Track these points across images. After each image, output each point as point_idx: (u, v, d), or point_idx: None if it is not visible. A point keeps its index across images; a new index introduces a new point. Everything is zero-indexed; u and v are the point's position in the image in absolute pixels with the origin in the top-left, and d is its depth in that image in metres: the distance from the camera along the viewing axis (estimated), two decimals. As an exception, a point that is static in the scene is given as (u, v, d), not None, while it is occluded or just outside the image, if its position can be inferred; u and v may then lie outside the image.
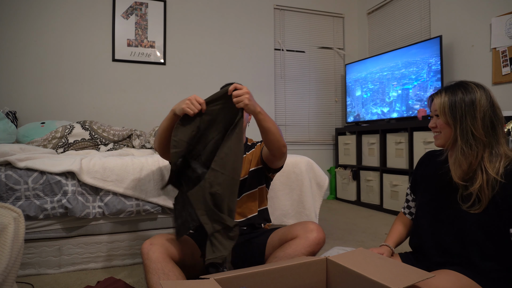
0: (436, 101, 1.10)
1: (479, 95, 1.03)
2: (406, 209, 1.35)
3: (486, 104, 1.02)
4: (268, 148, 1.37)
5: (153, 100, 3.45)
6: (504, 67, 2.61)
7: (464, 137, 1.03)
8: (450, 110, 1.05)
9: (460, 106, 1.03)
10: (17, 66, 3.05)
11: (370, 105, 3.67)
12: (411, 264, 1.12)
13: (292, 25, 4.03)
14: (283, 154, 1.39)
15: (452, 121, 1.05)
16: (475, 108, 1.02)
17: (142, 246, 1.23)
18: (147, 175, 1.77)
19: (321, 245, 1.32)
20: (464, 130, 1.03)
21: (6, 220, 0.97)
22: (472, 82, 1.07)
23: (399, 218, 1.37)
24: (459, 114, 1.04)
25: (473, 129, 1.02)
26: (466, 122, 1.03)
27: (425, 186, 1.22)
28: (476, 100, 1.02)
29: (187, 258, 1.31)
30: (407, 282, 0.87)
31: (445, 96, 1.07)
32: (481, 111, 1.02)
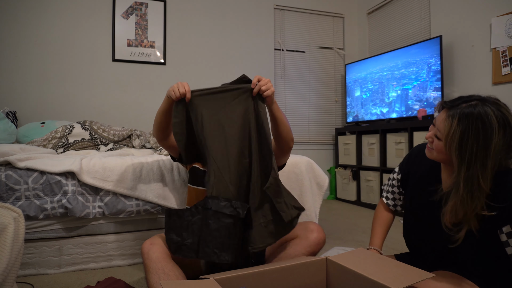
0: (445, 124, 0.91)
1: (497, 139, 0.84)
2: (390, 201, 1.29)
3: (503, 150, 0.85)
4: (277, 141, 1.35)
5: (153, 100, 3.45)
6: (504, 67, 2.61)
7: (469, 185, 0.87)
8: (458, 147, 0.87)
9: (472, 148, 0.85)
10: (17, 66, 3.05)
11: (370, 106, 3.67)
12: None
13: (292, 25, 4.03)
14: (290, 149, 1.38)
15: (458, 161, 0.89)
16: (488, 155, 0.85)
17: (142, 245, 1.23)
18: (147, 175, 1.77)
19: (321, 245, 1.32)
20: (470, 178, 0.87)
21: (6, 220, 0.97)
22: (496, 112, 0.85)
23: (379, 213, 1.32)
24: (468, 156, 0.86)
25: (480, 178, 0.86)
26: (475, 169, 0.86)
27: (415, 189, 1.17)
28: (492, 145, 0.84)
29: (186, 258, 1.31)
30: (407, 282, 0.87)
31: (458, 125, 0.87)
32: (493, 160, 0.85)
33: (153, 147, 2.56)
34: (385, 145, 3.31)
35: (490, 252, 0.99)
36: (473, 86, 2.86)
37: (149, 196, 1.74)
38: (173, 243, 1.21)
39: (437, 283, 0.95)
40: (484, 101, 0.88)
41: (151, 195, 1.75)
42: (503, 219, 0.90)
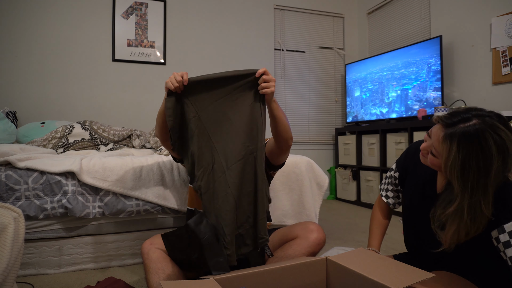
0: (444, 147, 0.88)
1: (496, 165, 0.83)
2: (391, 199, 1.29)
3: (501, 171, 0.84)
4: (276, 139, 1.33)
5: (153, 100, 3.45)
6: (504, 67, 2.61)
7: (472, 212, 0.87)
8: (461, 174, 0.86)
9: (474, 175, 0.85)
10: (17, 66, 3.05)
11: (369, 106, 3.67)
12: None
13: (292, 25, 4.03)
14: (289, 147, 1.36)
15: (460, 188, 0.88)
16: (489, 182, 0.85)
17: (142, 246, 1.23)
18: (147, 175, 1.77)
19: (321, 246, 1.32)
20: (473, 204, 0.86)
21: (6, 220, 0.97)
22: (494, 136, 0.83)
23: (377, 211, 1.31)
24: (470, 184, 0.85)
25: (483, 204, 0.85)
26: (478, 195, 0.86)
27: (413, 187, 1.16)
28: (492, 171, 0.83)
29: None
30: (407, 282, 0.87)
31: (458, 152, 0.86)
32: (494, 184, 0.85)
33: (153, 147, 2.56)
34: (385, 145, 3.31)
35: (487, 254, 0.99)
36: (473, 86, 2.86)
37: (149, 196, 1.74)
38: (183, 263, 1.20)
39: (436, 283, 0.95)
40: (484, 122, 0.85)
41: (151, 195, 1.75)
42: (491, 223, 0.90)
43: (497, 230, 0.88)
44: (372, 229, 1.30)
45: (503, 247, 0.87)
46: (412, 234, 1.18)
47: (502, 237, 0.87)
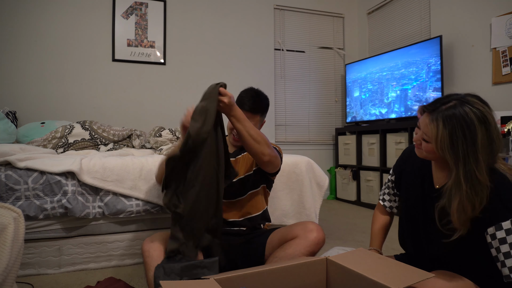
0: (431, 128, 0.96)
1: (480, 134, 0.90)
2: (387, 202, 1.32)
3: (487, 144, 0.91)
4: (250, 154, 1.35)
5: (153, 100, 3.45)
6: (504, 67, 2.61)
7: (469, 180, 0.91)
8: (450, 146, 0.93)
9: (462, 145, 0.91)
10: (17, 66, 3.05)
11: (369, 106, 3.67)
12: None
13: (292, 25, 4.03)
14: (266, 163, 1.34)
15: (453, 160, 0.93)
16: (477, 149, 0.90)
17: (142, 244, 1.23)
18: (147, 175, 1.77)
19: (321, 245, 1.32)
20: (468, 173, 0.91)
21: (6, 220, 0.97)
22: (473, 109, 0.91)
23: (377, 215, 1.34)
24: (461, 153, 0.91)
25: (477, 172, 0.90)
26: (470, 163, 0.91)
27: (409, 189, 1.18)
28: (478, 140, 0.90)
29: None
30: (407, 282, 0.87)
31: (444, 128, 0.93)
32: (483, 153, 0.91)
33: (153, 147, 2.56)
34: (385, 145, 3.31)
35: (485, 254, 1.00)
36: (473, 86, 2.86)
37: (149, 196, 1.74)
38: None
39: (436, 283, 0.95)
40: (462, 101, 0.93)
41: (151, 195, 1.75)
42: (489, 220, 0.92)
43: (494, 227, 0.91)
44: (373, 230, 1.32)
45: (498, 243, 0.90)
46: (409, 234, 1.19)
47: (499, 233, 0.90)
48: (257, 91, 1.53)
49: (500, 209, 0.90)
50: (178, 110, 3.51)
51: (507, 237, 0.88)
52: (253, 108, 1.47)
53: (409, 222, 1.18)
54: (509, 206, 0.90)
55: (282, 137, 3.98)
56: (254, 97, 1.49)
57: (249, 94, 1.49)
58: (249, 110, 1.46)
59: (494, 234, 0.91)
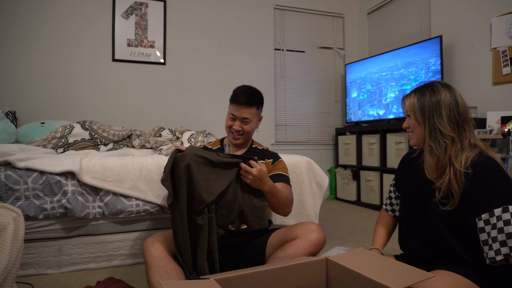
0: (407, 102, 1.16)
1: (443, 94, 1.09)
2: (388, 206, 1.38)
3: (450, 102, 1.08)
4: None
5: (153, 100, 3.45)
6: (505, 67, 2.61)
7: (432, 135, 1.09)
8: (419, 109, 1.11)
9: (428, 106, 1.10)
10: (17, 66, 3.05)
11: (367, 107, 3.68)
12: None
13: (292, 25, 4.02)
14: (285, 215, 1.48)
15: (422, 120, 1.11)
16: (440, 107, 1.08)
17: (144, 243, 1.23)
18: (147, 175, 1.77)
19: (321, 246, 1.32)
20: (432, 128, 1.09)
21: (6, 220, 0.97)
22: (439, 82, 1.14)
23: (381, 217, 1.39)
24: (427, 113, 1.10)
25: (440, 126, 1.07)
26: (434, 120, 1.08)
27: (405, 186, 1.25)
28: (441, 99, 1.09)
29: None
30: (407, 282, 0.87)
31: (414, 97, 1.14)
32: (446, 109, 1.08)
33: (153, 147, 2.56)
34: (385, 145, 3.31)
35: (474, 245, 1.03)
36: (473, 86, 2.86)
37: (149, 196, 1.74)
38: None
39: (436, 283, 0.95)
40: (429, 82, 1.16)
41: (151, 195, 1.75)
42: (483, 206, 1.00)
43: (488, 214, 0.98)
44: (376, 230, 1.35)
45: (490, 228, 0.97)
46: (408, 234, 1.21)
47: (491, 220, 0.97)
48: (250, 86, 1.57)
49: (493, 196, 0.98)
50: (178, 110, 3.51)
51: (497, 223, 0.96)
52: (248, 101, 1.49)
53: (408, 220, 1.20)
54: (501, 194, 0.97)
55: (282, 137, 3.98)
56: (248, 91, 1.52)
57: (243, 89, 1.53)
58: (244, 103, 1.48)
59: (487, 220, 0.98)
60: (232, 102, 1.53)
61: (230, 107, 1.55)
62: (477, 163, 1.03)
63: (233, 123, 1.53)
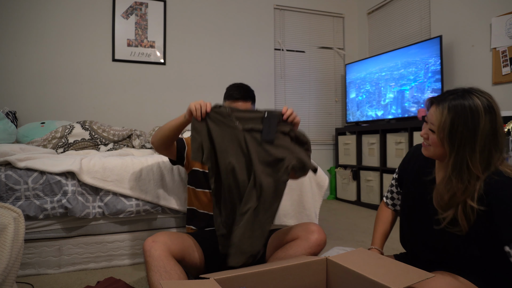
0: (436, 115, 0.96)
1: (483, 122, 0.89)
2: (389, 200, 1.32)
3: (489, 134, 0.90)
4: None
5: (153, 100, 3.45)
6: (504, 67, 2.61)
7: (457, 168, 0.92)
8: (449, 134, 0.93)
9: (461, 134, 0.91)
10: (17, 66, 3.05)
11: (366, 107, 3.68)
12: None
13: (292, 25, 4.02)
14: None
15: (449, 147, 0.94)
16: (476, 139, 0.90)
17: (144, 243, 1.23)
18: (147, 175, 1.77)
19: (322, 247, 1.32)
20: (459, 161, 0.92)
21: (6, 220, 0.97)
22: (481, 98, 0.92)
23: (381, 212, 1.34)
24: (458, 141, 0.91)
25: (469, 161, 0.90)
26: (464, 153, 0.91)
27: (409, 184, 1.19)
28: (479, 129, 0.89)
29: (187, 256, 1.31)
30: (407, 282, 0.87)
31: (448, 114, 0.93)
32: (482, 141, 0.90)
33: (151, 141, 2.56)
34: (385, 145, 3.31)
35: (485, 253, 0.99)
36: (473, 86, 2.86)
37: (149, 196, 1.74)
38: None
39: (437, 284, 0.95)
40: (469, 91, 0.96)
41: (151, 195, 1.75)
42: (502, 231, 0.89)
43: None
44: (376, 228, 1.32)
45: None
46: (409, 234, 1.19)
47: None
48: (241, 83, 1.61)
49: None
50: (178, 110, 3.51)
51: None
52: (244, 95, 1.52)
53: (409, 220, 1.18)
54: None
55: (282, 137, 3.97)
56: (241, 86, 1.56)
57: (236, 85, 1.56)
58: (240, 97, 1.51)
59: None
60: (227, 99, 1.53)
61: (226, 103, 1.54)
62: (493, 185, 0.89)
63: None
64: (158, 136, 1.42)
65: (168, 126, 1.38)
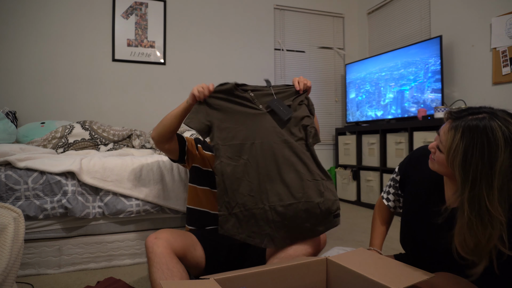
0: (447, 136, 0.84)
1: (502, 157, 0.76)
2: (391, 203, 1.29)
3: (508, 171, 0.77)
4: None
5: (153, 100, 3.45)
6: (504, 67, 2.61)
7: (475, 207, 0.79)
8: (462, 163, 0.80)
9: (476, 165, 0.78)
10: (17, 66, 3.05)
11: (366, 108, 3.68)
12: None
13: (292, 25, 4.02)
14: None
15: (461, 179, 0.81)
16: (493, 174, 0.77)
17: (146, 239, 1.23)
18: (147, 175, 1.77)
19: (322, 247, 1.32)
20: (477, 199, 0.78)
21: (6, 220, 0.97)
22: (502, 127, 0.77)
23: (379, 210, 1.31)
24: (472, 174, 0.79)
25: (487, 201, 0.77)
26: (480, 190, 0.78)
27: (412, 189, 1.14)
28: (496, 163, 0.76)
29: (188, 254, 1.32)
30: (407, 282, 0.87)
31: (461, 139, 0.81)
32: (500, 179, 0.77)
33: (153, 147, 2.56)
34: (385, 145, 3.30)
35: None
36: (473, 86, 2.86)
37: (149, 196, 1.74)
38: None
39: (437, 284, 0.95)
40: (493, 115, 0.80)
41: (151, 195, 1.75)
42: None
43: None
44: (373, 230, 1.30)
45: None
46: (411, 242, 1.16)
47: None
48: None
49: None
50: (178, 110, 3.51)
51: None
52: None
53: (410, 222, 1.16)
54: None
55: (282, 137, 3.97)
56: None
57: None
58: None
59: None
60: None
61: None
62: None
63: None
64: (159, 128, 1.40)
65: (169, 116, 1.37)
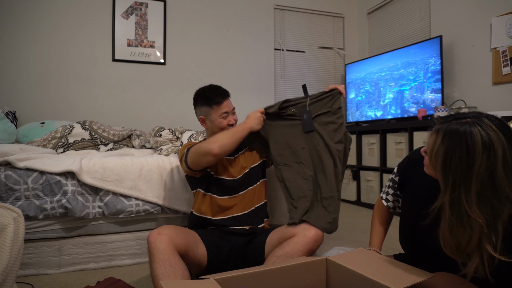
0: (430, 139, 0.87)
1: (479, 161, 0.78)
2: (389, 202, 1.28)
3: (486, 174, 0.78)
4: None
5: (153, 100, 3.45)
6: (505, 67, 2.61)
7: (455, 209, 0.82)
8: (443, 165, 0.83)
9: (455, 169, 0.81)
10: (17, 66, 3.05)
11: (365, 108, 3.68)
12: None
13: (292, 25, 4.02)
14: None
15: (443, 182, 0.84)
16: (470, 179, 0.79)
17: (149, 235, 1.23)
18: (147, 175, 1.77)
19: (319, 243, 1.32)
20: (456, 200, 0.81)
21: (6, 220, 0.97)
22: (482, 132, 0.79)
23: (378, 210, 1.31)
24: (452, 178, 0.81)
25: (466, 205, 0.80)
26: (459, 194, 0.81)
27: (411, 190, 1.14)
28: (474, 168, 0.78)
29: (190, 251, 1.32)
30: (407, 282, 0.87)
31: (442, 143, 0.83)
32: (478, 183, 0.78)
33: (153, 147, 2.56)
34: (385, 145, 3.30)
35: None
36: (473, 86, 2.86)
37: (149, 196, 1.74)
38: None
39: (437, 284, 0.95)
40: (477, 120, 0.81)
41: (151, 195, 1.75)
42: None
43: None
44: (373, 230, 1.30)
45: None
46: (411, 242, 1.16)
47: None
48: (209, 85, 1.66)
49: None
50: (178, 110, 3.51)
51: None
52: (226, 92, 1.60)
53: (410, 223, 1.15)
54: None
55: (282, 137, 3.97)
56: (217, 86, 1.63)
57: (211, 87, 1.63)
58: (225, 95, 1.59)
59: None
60: (213, 103, 1.54)
61: (214, 109, 1.54)
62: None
63: (228, 119, 1.55)
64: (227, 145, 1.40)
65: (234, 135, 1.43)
